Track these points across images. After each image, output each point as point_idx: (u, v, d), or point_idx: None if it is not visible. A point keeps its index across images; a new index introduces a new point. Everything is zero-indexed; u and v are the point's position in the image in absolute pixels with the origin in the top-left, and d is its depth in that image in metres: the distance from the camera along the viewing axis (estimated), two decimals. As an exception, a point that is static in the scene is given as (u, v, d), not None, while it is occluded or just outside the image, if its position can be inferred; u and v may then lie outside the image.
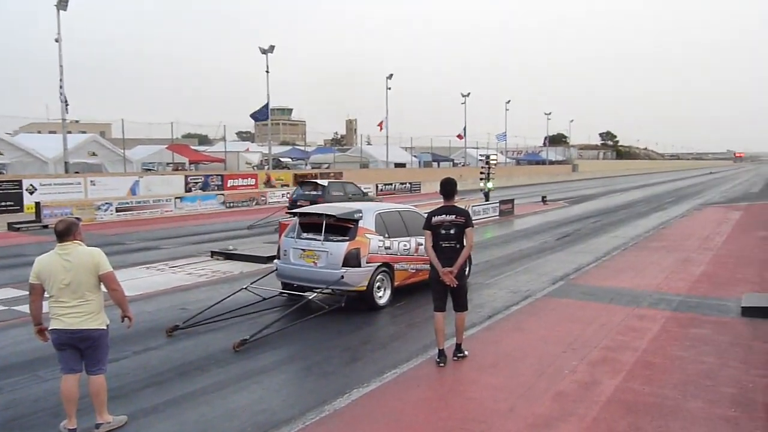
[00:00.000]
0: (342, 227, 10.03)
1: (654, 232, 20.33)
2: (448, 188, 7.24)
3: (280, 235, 16.48)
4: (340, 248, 9.72)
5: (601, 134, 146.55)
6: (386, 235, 10.23)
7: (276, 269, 10.50)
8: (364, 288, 9.76)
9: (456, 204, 7.27)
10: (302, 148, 62.03)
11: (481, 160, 30.99)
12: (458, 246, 7.01)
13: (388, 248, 10.18)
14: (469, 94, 61.95)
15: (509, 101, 73.55)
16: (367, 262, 9.76)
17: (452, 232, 7.01)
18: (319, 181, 23.62)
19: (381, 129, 48.95)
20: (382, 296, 10.07)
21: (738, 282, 11.65)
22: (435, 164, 64.58)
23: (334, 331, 8.78)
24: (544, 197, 32.87)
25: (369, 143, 69.86)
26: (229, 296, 9.88)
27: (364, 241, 9.86)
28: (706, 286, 11.33)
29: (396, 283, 10.29)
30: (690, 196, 40.38)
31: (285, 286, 10.36)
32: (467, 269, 11.91)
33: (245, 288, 10.03)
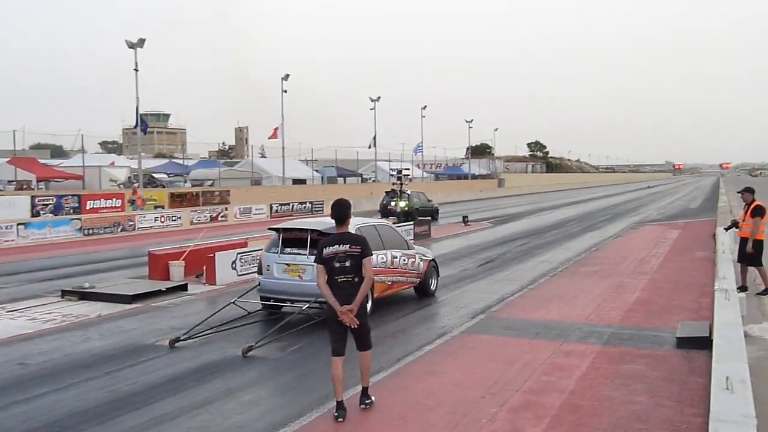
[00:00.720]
0: None
1: (586, 254, 21.23)
2: (340, 211, 7.25)
3: (148, 271, 16.22)
4: None
5: (529, 144, 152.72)
6: None
7: (258, 284, 12.36)
8: None
9: (350, 231, 7.30)
10: (181, 161, 60.57)
11: (392, 174, 31.45)
12: (356, 280, 7.03)
13: None
14: (379, 98, 63.03)
15: (425, 107, 75.25)
16: None
17: (348, 264, 7.02)
18: (405, 191, 32.95)
19: (275, 137, 48.58)
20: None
21: (674, 309, 12.33)
22: (341, 180, 64.94)
23: (212, 389, 8.48)
24: (465, 217, 33.61)
25: (263, 155, 69.41)
26: (215, 312, 11.47)
27: None
28: (640, 316, 11.92)
29: (376, 295, 11.95)
30: (626, 214, 42.51)
31: (264, 301, 12.26)
32: (436, 285, 13.54)
33: (233, 302, 11.79)
